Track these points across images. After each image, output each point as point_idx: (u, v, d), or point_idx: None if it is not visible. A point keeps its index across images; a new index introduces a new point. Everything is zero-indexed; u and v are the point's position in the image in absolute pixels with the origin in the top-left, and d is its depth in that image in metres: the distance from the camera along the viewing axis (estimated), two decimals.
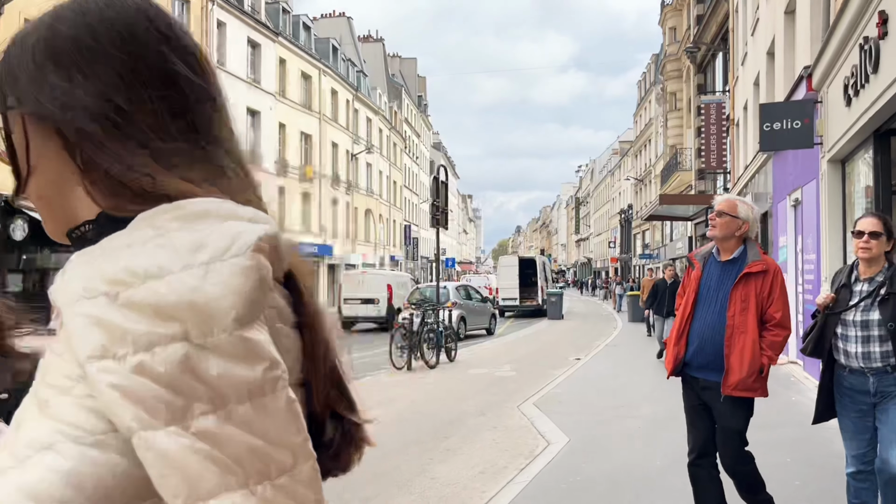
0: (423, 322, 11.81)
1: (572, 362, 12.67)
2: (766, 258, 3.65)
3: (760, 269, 3.53)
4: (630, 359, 13.02)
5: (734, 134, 22.67)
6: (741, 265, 3.57)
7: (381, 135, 51.39)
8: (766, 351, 3.49)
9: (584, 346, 15.67)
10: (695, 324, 3.62)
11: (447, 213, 12.63)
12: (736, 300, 3.51)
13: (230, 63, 28.97)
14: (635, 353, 13.94)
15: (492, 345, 16.05)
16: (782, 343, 3.57)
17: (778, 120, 8.37)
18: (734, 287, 3.53)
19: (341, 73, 41.41)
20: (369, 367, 12.15)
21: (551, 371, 11.34)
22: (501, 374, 10.96)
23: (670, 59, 36.34)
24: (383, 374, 10.90)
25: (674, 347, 3.69)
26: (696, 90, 29.96)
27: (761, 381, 3.52)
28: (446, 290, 17.71)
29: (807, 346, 3.68)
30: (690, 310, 3.63)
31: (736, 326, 3.49)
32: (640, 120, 57.04)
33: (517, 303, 28.47)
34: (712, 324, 3.56)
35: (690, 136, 33.18)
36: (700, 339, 3.59)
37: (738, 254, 3.62)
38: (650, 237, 52.33)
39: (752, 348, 3.44)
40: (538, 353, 14.23)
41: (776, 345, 3.53)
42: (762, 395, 3.56)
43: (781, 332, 3.54)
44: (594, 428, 6.87)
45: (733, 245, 3.63)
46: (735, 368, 3.46)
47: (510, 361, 12.72)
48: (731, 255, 3.63)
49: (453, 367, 11.76)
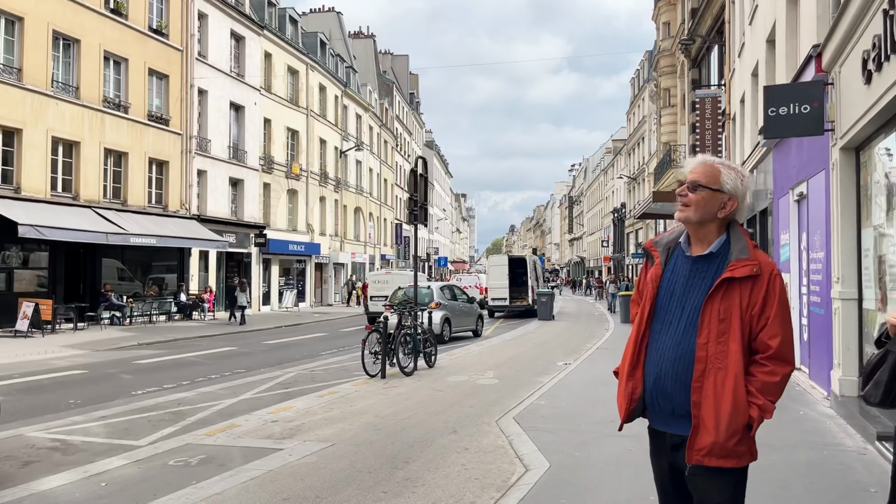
0: (400, 325, 10.97)
1: (560, 367, 11.85)
2: (759, 255, 2.43)
3: (748, 273, 2.35)
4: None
5: (730, 129, 21.91)
6: (721, 264, 2.42)
7: (372, 132, 50.48)
8: (755, 398, 2.33)
9: (573, 350, 14.86)
10: (650, 348, 2.49)
11: (426, 208, 11.78)
12: (711, 318, 2.36)
13: (212, 56, 28.06)
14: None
15: (477, 348, 15.20)
16: (781, 385, 2.37)
17: (784, 104, 7.55)
18: (709, 298, 2.37)
19: (330, 69, 40.49)
20: (341, 375, 11.32)
21: (537, 378, 10.52)
22: (482, 382, 10.13)
23: (664, 54, 35.59)
24: (353, 383, 10.04)
25: (627, 381, 2.53)
26: (690, 85, 29.19)
27: (748, 443, 2.36)
28: (430, 291, 16.89)
29: (873, 391, 2.34)
30: (645, 326, 2.51)
31: (710, 359, 2.34)
32: (634, 118, 56.32)
33: (507, 303, 27.64)
34: (675, 351, 2.41)
35: (684, 132, 32.44)
36: (658, 371, 2.44)
37: (718, 247, 2.45)
38: (643, 236, 51.59)
39: (732, 394, 2.31)
40: (524, 358, 13.40)
41: (771, 388, 2.34)
42: (749, 460, 2.39)
43: (780, 367, 2.36)
44: (579, 449, 6.04)
45: (712, 232, 2.47)
46: (707, 424, 2.32)
47: (494, 367, 11.89)
48: (707, 247, 2.47)
49: (431, 375, 10.91)
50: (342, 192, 42.60)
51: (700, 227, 2.48)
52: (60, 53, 20.94)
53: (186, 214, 25.94)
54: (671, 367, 2.42)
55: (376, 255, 51.52)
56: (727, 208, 2.45)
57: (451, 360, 12.74)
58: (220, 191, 28.66)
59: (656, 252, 2.60)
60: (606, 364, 12.26)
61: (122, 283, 23.43)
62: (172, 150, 25.51)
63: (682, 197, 2.49)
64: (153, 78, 24.78)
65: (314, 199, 37.94)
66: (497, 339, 17.47)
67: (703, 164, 2.51)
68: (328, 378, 10.94)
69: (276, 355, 14.63)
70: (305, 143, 36.60)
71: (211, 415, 8.02)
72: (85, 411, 8.32)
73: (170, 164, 25.36)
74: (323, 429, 6.94)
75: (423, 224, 11.98)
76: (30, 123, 19.41)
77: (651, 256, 2.62)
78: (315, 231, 37.86)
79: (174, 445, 6.33)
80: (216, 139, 28.21)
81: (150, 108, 24.55)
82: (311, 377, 11.16)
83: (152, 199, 24.73)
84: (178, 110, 25.84)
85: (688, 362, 2.39)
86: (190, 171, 26.31)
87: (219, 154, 28.41)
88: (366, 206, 48.14)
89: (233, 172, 29.56)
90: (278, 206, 33.83)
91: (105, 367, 12.52)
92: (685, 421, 2.40)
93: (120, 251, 22.93)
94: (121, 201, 23.05)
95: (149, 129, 24.23)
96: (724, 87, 22.77)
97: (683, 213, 2.49)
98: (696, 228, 2.49)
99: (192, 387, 10.29)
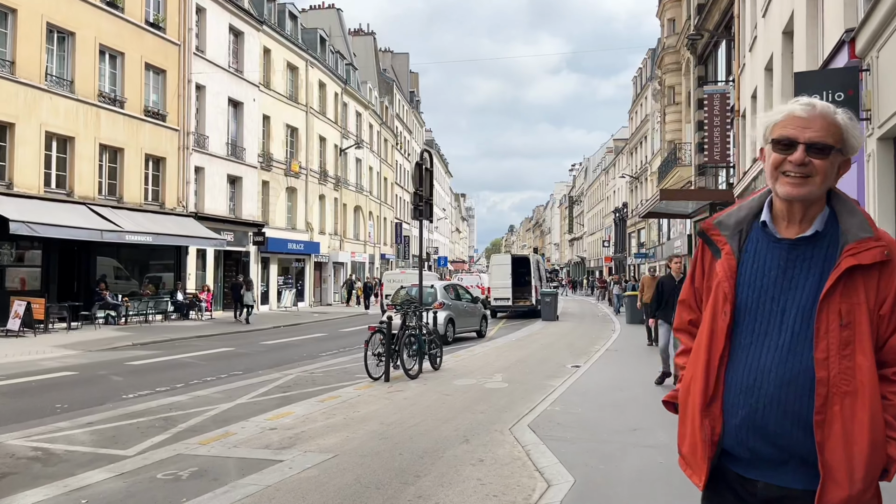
0: (405, 325, 10.48)
1: (570, 370, 11.37)
2: (883, 233, 1.80)
3: (878, 259, 1.73)
4: (635, 367, 11.74)
5: (739, 126, 21.45)
6: (831, 248, 1.77)
7: (372, 130, 49.99)
8: (894, 430, 1.73)
9: (582, 351, 14.38)
10: (736, 370, 1.80)
11: (432, 203, 11.30)
12: (830, 324, 1.72)
13: (210, 51, 27.56)
14: (640, 360, 12.66)
15: (482, 350, 14.72)
16: None
17: (816, 91, 7.08)
18: (826, 296, 1.72)
19: (329, 66, 40.00)
20: (343, 377, 10.83)
21: (548, 382, 10.04)
22: (491, 386, 9.65)
23: (668, 51, 35.12)
24: (356, 387, 9.56)
25: (702, 419, 1.83)
26: (696, 83, 28.73)
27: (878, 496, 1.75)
28: (433, 290, 16.41)
29: None
30: (725, 341, 1.82)
31: (833, 381, 1.70)
32: (636, 117, 55.86)
33: (510, 303, 27.16)
34: (780, 373, 1.74)
35: (689, 130, 31.98)
36: (754, 402, 1.75)
37: (823, 223, 1.81)
38: (645, 236, 51.12)
39: (869, 427, 1.69)
40: (532, 360, 12.92)
41: None
42: None
43: None
44: (604, 462, 5.55)
45: (815, 206, 1.82)
46: (836, 473, 1.68)
47: (501, 370, 11.40)
48: (808, 226, 1.81)
49: (437, 377, 10.42)
50: (342, 191, 42.10)
51: (808, 205, 1.82)
52: (55, 46, 20.44)
53: (183, 212, 25.45)
54: (776, 396, 1.73)
55: (376, 255, 51.03)
56: (840, 173, 1.83)
57: (456, 363, 12.26)
58: (218, 188, 28.16)
59: (721, 237, 1.89)
60: (618, 367, 11.80)
61: (118, 282, 22.93)
62: (169, 147, 25.02)
63: (800, 167, 1.76)
64: (150, 73, 24.29)
65: (313, 198, 37.45)
66: (502, 340, 16.99)
67: (824, 116, 1.78)
68: (329, 381, 10.45)
69: (274, 356, 14.14)
70: (305, 141, 36.10)
71: (205, 421, 7.54)
72: (71, 416, 7.84)
73: (167, 161, 24.86)
74: (325, 437, 6.46)
75: (429, 220, 11.50)
76: (22, 118, 18.91)
77: (712, 243, 1.91)
78: (314, 230, 37.36)
79: (164, 456, 5.85)
80: (214, 136, 27.72)
81: (147, 104, 24.05)
82: (312, 380, 10.68)
83: (149, 196, 24.23)
84: (176, 106, 25.35)
85: (802, 387, 1.71)
86: (187, 168, 25.81)
87: (217, 151, 27.92)
88: (366, 205, 47.65)
89: (231, 170, 29.06)
90: (277, 205, 33.34)
91: (96, 369, 12.03)
92: (795, 468, 1.75)
93: (116, 249, 22.45)
94: (116, 198, 22.55)
95: (145, 125, 23.73)
96: (732, 83, 22.30)
97: (804, 188, 1.76)
98: (805, 206, 1.81)
99: (186, 390, 9.80)
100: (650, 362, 11.96)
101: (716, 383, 1.82)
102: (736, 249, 1.87)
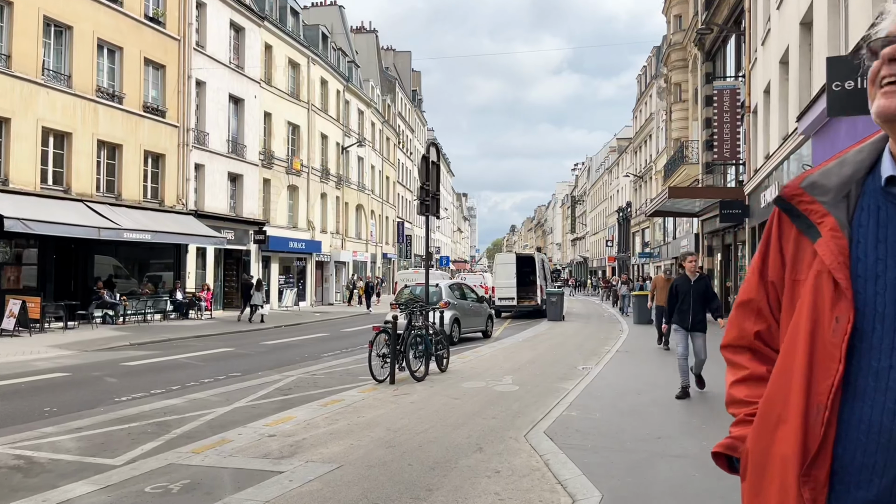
0: (410, 325, 10.04)
1: (582, 372, 10.94)
2: None
3: None
4: (650, 369, 11.30)
5: (749, 122, 21.00)
6: None
7: (374, 128, 49.56)
8: None
9: (591, 353, 13.95)
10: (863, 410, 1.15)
11: (438, 198, 10.87)
12: None
13: (211, 46, 27.14)
14: (653, 362, 12.23)
15: (489, 350, 14.28)
16: None
17: (850, 77, 6.65)
18: None
19: (331, 63, 39.58)
20: (346, 379, 10.40)
21: (560, 384, 9.61)
22: (502, 389, 9.21)
23: (675, 48, 34.66)
24: (360, 389, 9.13)
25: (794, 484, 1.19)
26: (703, 79, 28.27)
27: None
28: (439, 289, 15.97)
29: None
30: (840, 364, 1.17)
31: None
32: (640, 115, 55.39)
33: (514, 303, 26.71)
34: None
35: (697, 128, 31.51)
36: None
37: None
38: (650, 235, 50.64)
39: None
40: (542, 361, 12.48)
41: None
42: None
43: None
44: (631, 474, 5.11)
45: None
46: None
47: (511, 371, 10.97)
48: None
49: (444, 380, 9.99)
50: (343, 189, 41.68)
51: None
52: (52, 40, 20.02)
53: (183, 210, 25.03)
54: None
55: (378, 254, 50.61)
56: None
57: (463, 364, 11.82)
58: (219, 186, 27.74)
59: (818, 205, 1.28)
60: (632, 369, 11.36)
61: (117, 281, 22.52)
62: (169, 143, 24.60)
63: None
64: (149, 68, 23.87)
65: (315, 196, 37.03)
66: (509, 341, 16.55)
67: None
68: (332, 383, 10.02)
69: (274, 357, 13.71)
70: (306, 139, 35.68)
71: (200, 426, 7.11)
72: (59, 421, 7.41)
73: (166, 158, 24.44)
74: (328, 445, 6.03)
75: (436, 216, 11.06)
76: (19, 113, 18.50)
77: (801, 215, 1.30)
78: (316, 228, 36.95)
79: (155, 466, 5.42)
80: (214, 132, 27.30)
81: (146, 99, 23.64)
82: (313, 382, 10.25)
83: (148, 193, 23.81)
84: (175, 102, 24.93)
85: None
86: (187, 165, 25.39)
87: (217, 148, 27.50)
88: (367, 204, 47.22)
89: (232, 167, 28.64)
90: (278, 203, 32.92)
91: (90, 370, 11.60)
92: None
93: (114, 247, 22.04)
94: (115, 195, 22.14)
95: (144, 121, 23.31)
96: (743, 79, 21.86)
97: None
98: None
99: (182, 392, 9.37)
100: (664, 364, 11.57)
101: (824, 431, 1.17)
102: (845, 222, 1.24)
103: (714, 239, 27.36)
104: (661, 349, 14.13)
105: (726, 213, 20.67)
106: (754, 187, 19.34)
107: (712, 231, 26.84)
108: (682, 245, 34.40)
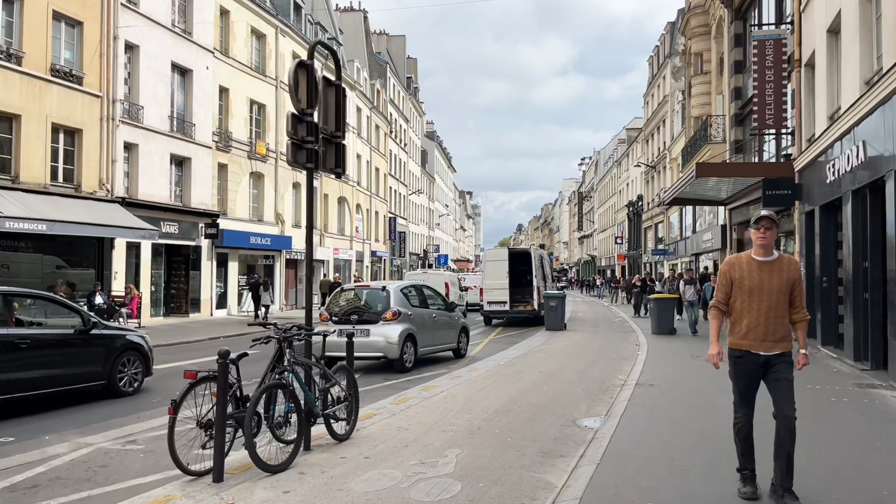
0: (277, 363, 5.62)
1: (586, 434, 6.55)
2: None
3: None
4: (697, 426, 6.80)
5: (800, 78, 16.55)
6: None
7: (360, 114, 45.19)
8: None
9: (600, 386, 9.54)
10: None
11: (342, 145, 6.46)
12: None
13: (145, 4, 22.82)
14: (699, 408, 7.73)
15: (448, 386, 9.79)
16: None
17: None
18: None
19: (306, 37, 35.21)
20: (148, 465, 5.96)
21: (540, 475, 5.21)
22: (423, 494, 4.80)
23: (695, 12, 30.13)
24: (152, 499, 4.71)
25: None
26: (732, 42, 23.79)
27: None
28: (385, 294, 11.47)
29: None
30: None
31: None
32: (652, 100, 50.81)
33: (507, 308, 22.23)
34: None
35: (721, 102, 27.01)
36: None
37: None
38: (664, 230, 46.02)
39: None
40: (521, 410, 8.04)
41: None
42: None
43: None
44: None
45: None
46: None
47: (464, 437, 6.56)
48: None
49: (329, 464, 5.55)
50: (322, 179, 37.30)
51: None
52: None
53: (107, 197, 20.73)
54: None
55: (365, 252, 46.22)
56: None
57: (390, 418, 7.38)
58: (158, 170, 23.43)
59: None
60: (672, 425, 6.82)
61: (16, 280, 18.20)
62: (88, 116, 20.29)
63: None
64: (61, 24, 19.56)
65: (285, 185, 32.66)
66: (485, 365, 12.04)
67: None
68: (119, 474, 5.59)
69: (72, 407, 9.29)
70: (274, 120, 31.30)
71: None
72: None
73: (84, 133, 20.13)
74: None
75: (335, 172, 6.62)
76: None
77: None
78: (286, 222, 32.60)
79: None
80: (152, 106, 23.00)
81: (56, 62, 19.34)
82: (88, 472, 5.84)
83: (58, 175, 19.51)
84: (97, 67, 20.62)
85: None
86: (113, 144, 21.07)
87: (156, 125, 23.19)
88: (352, 197, 42.82)
89: (176, 148, 24.31)
90: (238, 192, 28.57)
91: None
92: None
93: (28, 242, 17.85)
94: (10, 177, 17.87)
95: (52, 87, 19.01)
96: (790, 27, 17.37)
97: None
98: None
99: None
100: (717, 410, 6.85)
101: None
102: None
103: (745, 231, 22.76)
104: (716, 370, 9.67)
105: (771, 194, 16.18)
106: (810, 159, 14.86)
107: (744, 221, 22.25)
108: (706, 239, 29.82)
